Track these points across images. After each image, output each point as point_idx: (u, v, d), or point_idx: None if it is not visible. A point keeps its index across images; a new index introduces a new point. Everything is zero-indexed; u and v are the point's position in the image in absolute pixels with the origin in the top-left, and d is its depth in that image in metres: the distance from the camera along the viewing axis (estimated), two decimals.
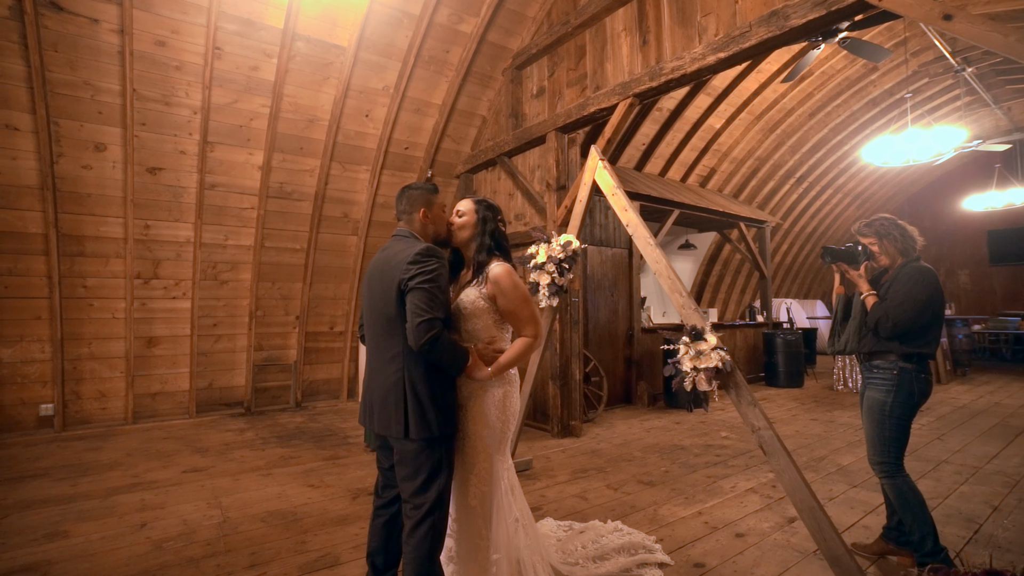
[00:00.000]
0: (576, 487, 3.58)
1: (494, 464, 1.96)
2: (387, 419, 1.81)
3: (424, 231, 1.98)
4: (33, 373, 4.95)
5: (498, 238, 2.05)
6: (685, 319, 2.35)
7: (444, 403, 1.83)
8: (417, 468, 1.77)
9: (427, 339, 1.70)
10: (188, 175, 5.08)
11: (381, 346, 1.87)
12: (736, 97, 7.58)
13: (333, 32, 4.98)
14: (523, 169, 5.87)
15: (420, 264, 1.77)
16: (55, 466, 4.06)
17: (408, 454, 1.79)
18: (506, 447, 2.02)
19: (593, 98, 4.67)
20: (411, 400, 1.77)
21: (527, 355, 1.97)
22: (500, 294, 1.94)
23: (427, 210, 1.97)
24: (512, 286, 1.94)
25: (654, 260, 2.49)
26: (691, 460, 4.16)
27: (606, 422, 5.66)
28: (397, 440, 1.80)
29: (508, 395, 2.00)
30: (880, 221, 2.47)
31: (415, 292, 1.74)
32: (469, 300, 1.96)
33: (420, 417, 1.76)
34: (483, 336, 2.00)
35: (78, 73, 4.31)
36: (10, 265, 4.67)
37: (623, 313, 6.72)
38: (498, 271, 1.94)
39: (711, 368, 2.14)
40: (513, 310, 1.95)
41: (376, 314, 1.88)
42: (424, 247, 1.82)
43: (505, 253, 2.06)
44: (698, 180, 8.90)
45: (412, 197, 1.98)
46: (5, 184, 4.47)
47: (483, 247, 2.00)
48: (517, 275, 1.99)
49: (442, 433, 1.80)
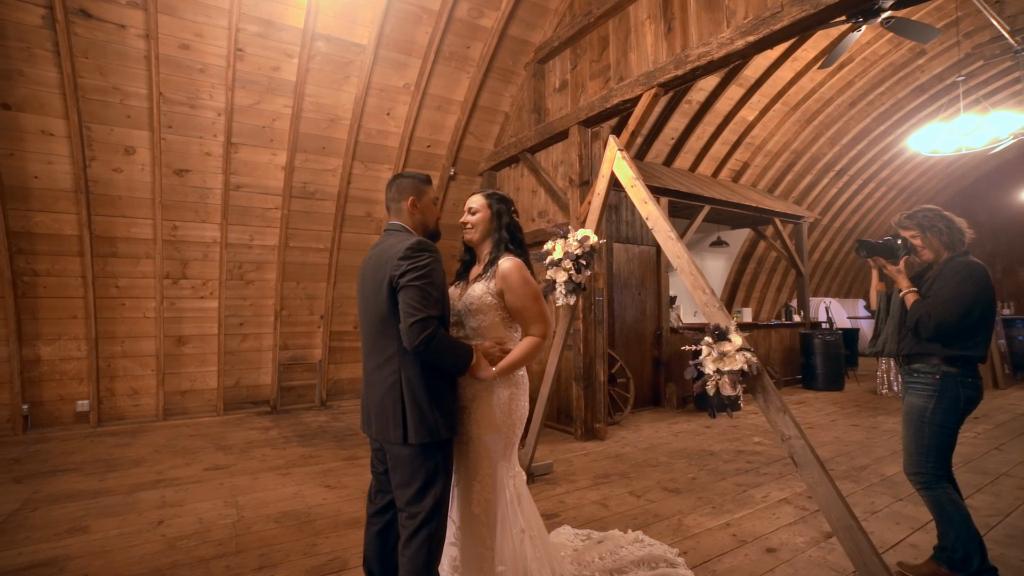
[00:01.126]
0: (597, 493, 3.43)
1: (498, 470, 1.86)
2: (385, 424, 1.71)
3: (413, 222, 1.87)
4: (70, 370, 5.12)
5: (513, 231, 1.96)
6: (708, 317, 2.19)
7: (445, 405, 1.73)
8: (412, 474, 1.68)
9: (422, 339, 1.60)
10: (214, 176, 5.16)
11: (376, 348, 1.77)
12: (770, 87, 7.25)
13: (353, 30, 4.97)
14: (546, 165, 5.75)
15: (411, 259, 1.66)
16: (86, 461, 4.16)
17: (402, 460, 1.69)
18: (512, 453, 1.91)
19: (616, 89, 4.51)
20: (409, 403, 1.68)
21: (534, 355, 1.86)
22: (508, 289, 1.83)
23: (416, 199, 1.87)
24: (521, 281, 1.83)
25: (675, 255, 2.34)
26: (720, 467, 3.96)
27: (632, 425, 5.47)
28: (393, 445, 1.70)
29: (515, 398, 1.89)
30: (923, 212, 2.27)
31: (407, 290, 1.64)
32: (476, 295, 1.87)
33: (420, 421, 1.67)
34: (490, 334, 1.90)
35: (107, 78, 4.42)
36: (48, 266, 4.83)
37: (651, 313, 6.50)
38: (507, 265, 1.84)
39: (735, 371, 1.98)
40: (521, 307, 1.84)
41: (369, 314, 1.78)
42: (415, 241, 1.71)
43: (520, 247, 1.96)
44: (730, 175, 8.58)
45: (401, 186, 1.88)
46: (42, 188, 4.62)
47: (500, 242, 1.92)
48: (528, 271, 1.88)
49: (442, 437, 1.70)
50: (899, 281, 2.25)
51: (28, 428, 4.98)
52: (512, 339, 1.92)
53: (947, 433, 2.14)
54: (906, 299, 2.21)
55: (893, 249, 2.24)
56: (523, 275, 1.84)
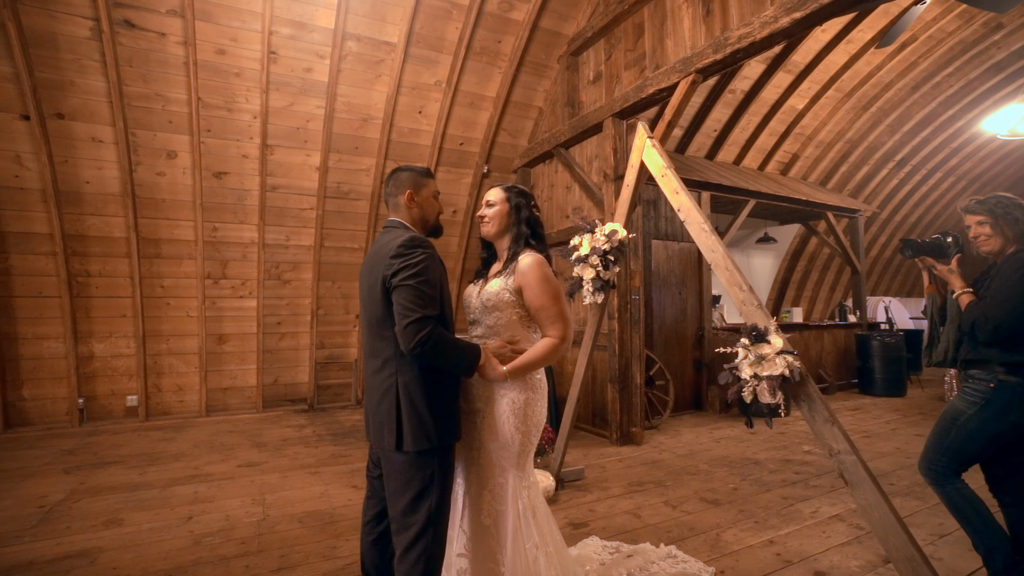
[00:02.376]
0: (630, 502, 3.25)
1: (510, 480, 1.74)
2: (380, 431, 1.62)
3: (411, 217, 1.78)
4: (121, 366, 5.35)
5: (533, 225, 1.85)
6: (745, 317, 2.00)
7: (445, 410, 1.63)
8: (405, 483, 1.58)
9: (418, 340, 1.50)
10: (251, 178, 5.28)
11: (373, 350, 1.69)
12: (821, 73, 6.80)
13: (383, 29, 4.97)
14: (580, 160, 5.58)
15: (404, 257, 1.57)
16: (131, 454, 4.32)
17: (396, 467, 1.60)
18: (526, 462, 1.79)
19: (651, 78, 4.30)
20: (406, 409, 1.58)
21: (550, 358, 1.73)
22: (527, 286, 1.72)
23: (413, 192, 1.77)
24: (540, 278, 1.71)
25: (709, 249, 2.15)
26: (765, 477, 3.69)
27: (671, 429, 5.23)
28: (388, 452, 1.61)
29: (531, 403, 1.77)
30: (997, 199, 2.02)
31: (400, 290, 1.55)
32: (494, 291, 1.77)
33: (417, 427, 1.57)
34: (505, 333, 1.78)
35: (150, 85, 4.58)
36: (99, 267, 5.07)
37: (692, 312, 6.22)
38: (527, 261, 1.73)
39: (775, 376, 1.78)
40: (540, 306, 1.72)
41: (366, 316, 1.70)
42: (407, 237, 1.62)
43: (541, 242, 1.84)
44: (778, 168, 8.12)
45: (398, 179, 1.79)
46: (94, 192, 4.84)
47: (520, 237, 1.81)
48: (548, 268, 1.76)
49: (441, 443, 1.60)
50: (952, 281, 2.04)
51: (84, 421, 5.24)
52: (529, 339, 1.80)
53: (975, 444, 1.95)
54: (960, 300, 2.00)
55: (942, 247, 2.05)
56: (543, 272, 1.72)
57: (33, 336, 5.01)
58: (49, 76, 4.32)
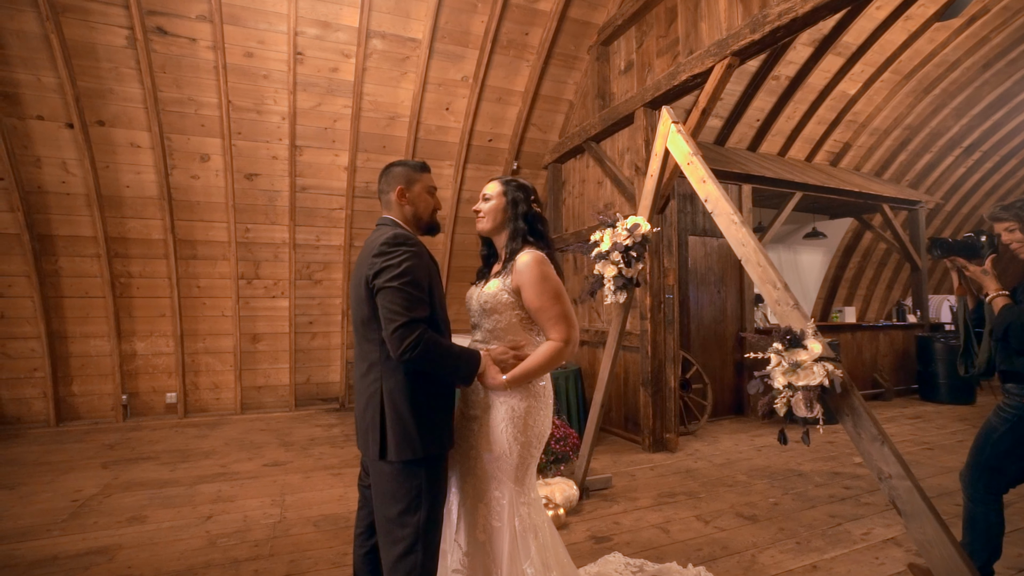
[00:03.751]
0: (659, 515, 3.05)
1: (508, 495, 1.60)
2: (365, 438, 1.54)
3: (403, 215, 1.69)
4: (161, 364, 5.53)
5: (532, 221, 1.71)
6: (779, 318, 1.77)
7: (433, 417, 1.53)
8: (391, 495, 1.49)
9: (406, 346, 1.41)
10: (281, 179, 5.34)
11: (360, 353, 1.60)
12: (876, 54, 6.30)
13: (407, 25, 4.91)
14: (611, 154, 5.36)
15: (386, 256, 1.47)
16: (166, 450, 4.43)
17: (382, 477, 1.51)
18: (526, 475, 1.64)
19: (684, 64, 4.06)
20: (390, 416, 1.49)
21: (554, 363, 1.59)
22: (525, 286, 1.59)
23: (404, 188, 1.67)
24: (538, 277, 1.57)
25: (739, 242, 1.93)
26: (810, 491, 3.40)
27: (709, 436, 4.95)
28: (373, 461, 1.52)
29: (532, 411, 1.63)
30: (1022, 202, 1.92)
31: (384, 292, 1.45)
32: (491, 292, 1.64)
33: (402, 435, 1.47)
34: (506, 337, 1.66)
35: (183, 90, 4.69)
36: (140, 268, 5.24)
37: (732, 312, 5.89)
38: (524, 259, 1.60)
39: (813, 387, 1.55)
40: (539, 306, 1.58)
41: (354, 316, 1.62)
42: (390, 235, 1.52)
43: (542, 239, 1.71)
44: (828, 158, 7.61)
45: (391, 174, 1.70)
46: (133, 196, 5.01)
47: (517, 233, 1.68)
48: (549, 265, 1.62)
49: (427, 454, 1.49)
50: (985, 283, 1.91)
51: (127, 416, 5.44)
52: (532, 343, 1.67)
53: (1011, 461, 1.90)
54: (994, 304, 1.88)
55: (975, 247, 1.94)
56: (541, 269, 1.58)
57: (81, 335, 5.23)
58: (90, 85, 4.48)
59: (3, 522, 3.00)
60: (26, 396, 5.18)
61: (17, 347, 5.08)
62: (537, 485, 1.76)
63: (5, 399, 5.15)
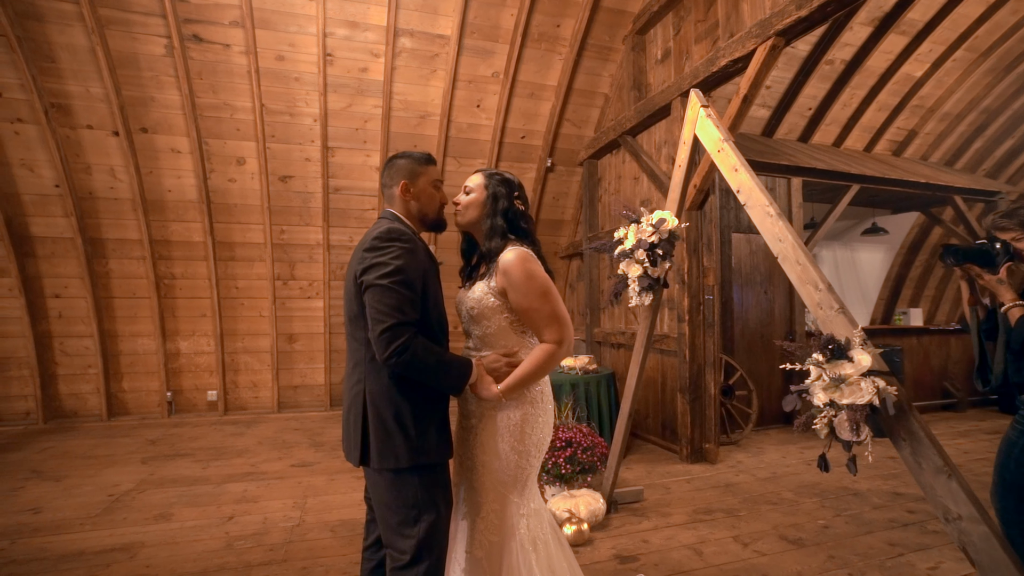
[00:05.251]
0: (692, 534, 2.82)
1: (507, 507, 1.48)
2: (348, 442, 1.46)
3: (407, 210, 1.58)
4: (203, 363, 5.70)
5: (513, 219, 1.56)
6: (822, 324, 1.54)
7: (419, 425, 1.41)
8: (388, 505, 1.40)
9: (392, 351, 1.30)
10: (314, 180, 5.39)
11: (348, 351, 1.52)
12: (947, 31, 5.73)
13: (435, 22, 4.84)
14: (648, 148, 5.12)
15: (378, 251, 1.37)
16: (202, 448, 4.53)
17: (377, 487, 1.43)
18: (526, 486, 1.52)
19: (724, 48, 3.78)
20: (372, 420, 1.39)
21: (549, 367, 1.45)
22: (511, 286, 1.45)
23: (408, 183, 1.56)
24: (524, 275, 1.43)
25: (775, 238, 1.70)
26: (867, 514, 3.07)
27: (754, 446, 4.62)
28: (369, 469, 1.44)
29: (529, 419, 1.50)
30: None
31: (372, 291, 1.35)
32: (476, 297, 1.52)
33: (382, 442, 1.38)
34: (497, 344, 1.52)
35: (219, 96, 4.80)
36: (183, 269, 5.42)
37: (780, 314, 5.50)
38: (508, 257, 1.46)
39: (859, 406, 1.31)
40: (528, 307, 1.45)
41: (345, 312, 1.53)
42: (385, 228, 1.42)
43: (526, 237, 1.57)
44: (890, 147, 7.02)
45: (394, 167, 1.59)
46: (175, 200, 5.18)
47: (494, 231, 1.54)
48: (536, 262, 1.47)
49: (413, 463, 1.38)
50: (1000, 293, 1.79)
51: (172, 413, 5.64)
52: (526, 347, 1.53)
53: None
54: (1011, 314, 1.76)
55: (990, 254, 1.81)
56: (526, 267, 1.44)
57: (130, 333, 5.46)
58: (133, 94, 4.66)
59: (44, 514, 3.12)
60: (82, 391, 5.46)
61: (73, 345, 5.35)
62: (539, 494, 1.62)
63: (64, 394, 5.44)
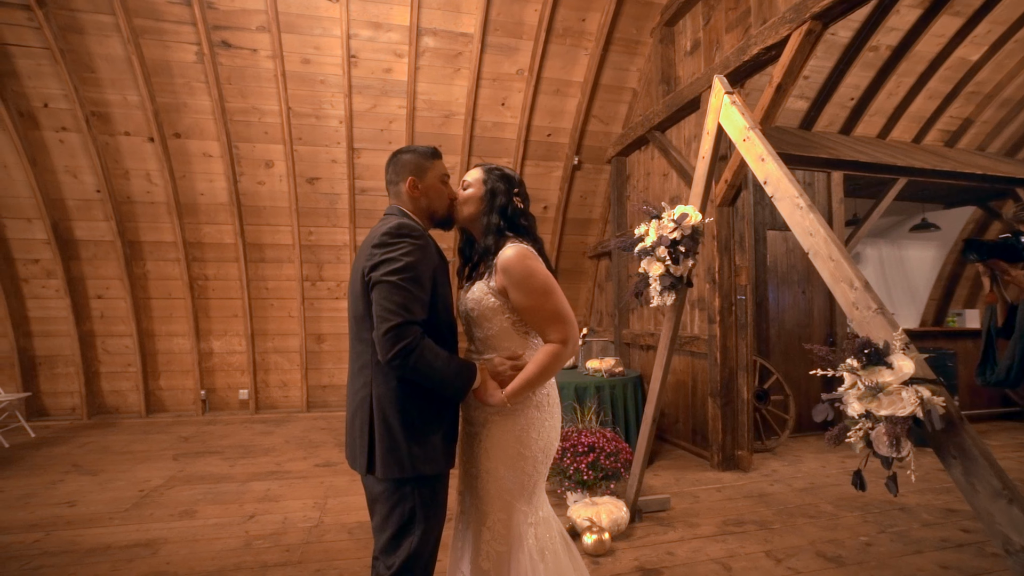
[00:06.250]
0: (721, 547, 2.67)
1: (514, 516, 1.41)
2: (352, 449, 1.41)
3: (416, 207, 1.52)
4: (235, 362, 5.83)
5: (512, 216, 1.48)
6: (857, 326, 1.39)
7: (427, 431, 1.35)
8: (385, 516, 1.35)
9: (396, 353, 1.24)
10: (340, 182, 5.44)
11: (353, 353, 1.46)
12: (1008, 9, 5.32)
13: (458, 20, 4.81)
14: (677, 143, 4.94)
15: (387, 247, 1.31)
16: (231, 445, 4.62)
17: (375, 495, 1.38)
18: (533, 494, 1.45)
19: (756, 36, 3.60)
20: (379, 427, 1.33)
21: (555, 367, 1.37)
22: (511, 285, 1.37)
23: (416, 179, 1.50)
24: (525, 273, 1.35)
25: (805, 231, 1.56)
26: (915, 532, 2.84)
27: (790, 454, 4.39)
28: (364, 476, 1.39)
29: (535, 423, 1.42)
30: None
31: (380, 287, 1.29)
32: (475, 297, 1.44)
33: (389, 450, 1.32)
34: (500, 346, 1.44)
35: (247, 100, 4.89)
36: (215, 271, 5.56)
37: (820, 315, 5.23)
38: (507, 254, 1.39)
39: (900, 418, 1.16)
40: (529, 306, 1.37)
41: (349, 312, 1.47)
42: (395, 224, 1.36)
43: (526, 234, 1.49)
44: (942, 138, 6.59)
45: (400, 163, 1.53)
46: (208, 203, 5.32)
47: (490, 228, 1.47)
48: (537, 259, 1.39)
49: (417, 473, 1.32)
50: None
51: (206, 411, 5.80)
52: (531, 349, 1.45)
53: None
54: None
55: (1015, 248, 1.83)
56: (526, 265, 1.36)
57: (166, 333, 5.64)
58: (167, 100, 4.80)
59: (78, 507, 3.22)
60: (122, 388, 5.67)
61: (115, 344, 5.56)
62: (547, 501, 1.53)
63: (106, 391, 5.66)
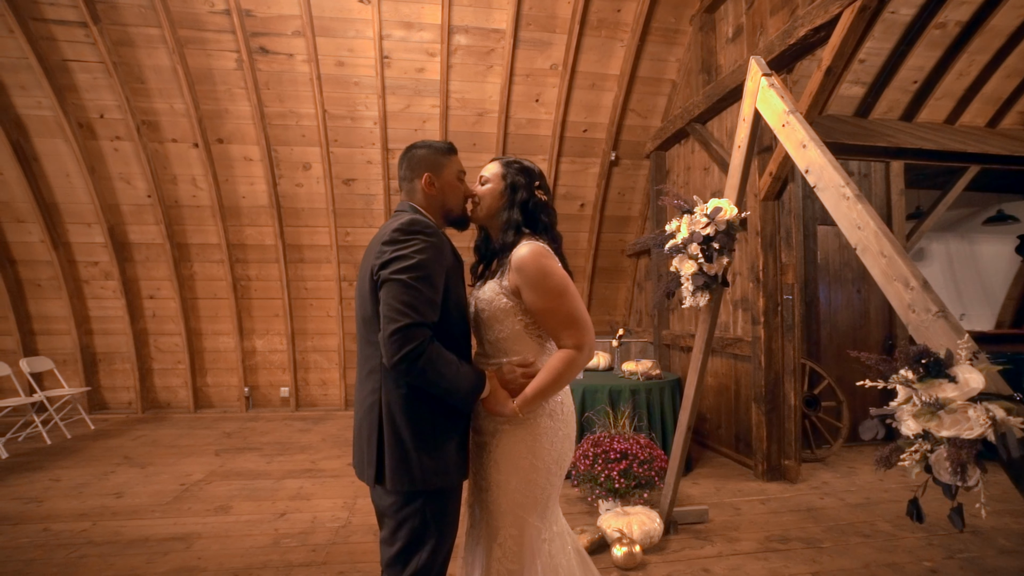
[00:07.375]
0: (762, 566, 2.48)
1: (526, 532, 1.32)
2: (360, 457, 1.34)
3: (430, 204, 1.45)
4: (277, 361, 5.99)
5: (533, 211, 1.40)
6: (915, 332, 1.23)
7: (439, 441, 1.28)
8: (394, 529, 1.28)
9: (402, 356, 1.16)
10: (376, 183, 5.49)
11: (361, 356, 1.40)
12: None
13: (489, 16, 4.75)
14: (718, 135, 4.71)
15: (398, 245, 1.24)
16: (270, 442, 4.73)
17: (383, 507, 1.31)
18: (547, 508, 1.36)
19: (802, 17, 3.36)
20: (389, 436, 1.26)
21: (570, 374, 1.28)
22: (524, 285, 1.28)
23: (432, 175, 1.43)
24: (539, 272, 1.26)
25: (853, 225, 1.39)
26: (989, 558, 2.56)
27: (843, 465, 4.10)
28: (373, 488, 1.33)
29: (548, 433, 1.33)
30: None
31: (389, 286, 1.21)
32: (487, 297, 1.36)
33: (400, 461, 1.25)
34: (511, 350, 1.35)
35: (285, 104, 5.00)
36: (256, 271, 5.73)
37: (877, 316, 4.86)
38: (521, 252, 1.30)
39: (967, 441, 0.99)
40: (544, 308, 1.27)
41: (357, 314, 1.41)
42: (407, 220, 1.28)
43: (545, 231, 1.40)
44: (1021, 120, 6.02)
45: (415, 158, 1.46)
46: (249, 206, 5.48)
47: (510, 224, 1.39)
48: (552, 258, 1.30)
49: (427, 486, 1.25)
50: None
51: (249, 407, 5.98)
52: (544, 353, 1.35)
53: None
54: None
55: None
56: (541, 264, 1.27)
57: (212, 332, 5.86)
58: (210, 107, 4.97)
59: (124, 499, 3.35)
60: (173, 385, 5.92)
61: (166, 342, 5.82)
62: (561, 515, 1.44)
63: (158, 387, 5.93)
